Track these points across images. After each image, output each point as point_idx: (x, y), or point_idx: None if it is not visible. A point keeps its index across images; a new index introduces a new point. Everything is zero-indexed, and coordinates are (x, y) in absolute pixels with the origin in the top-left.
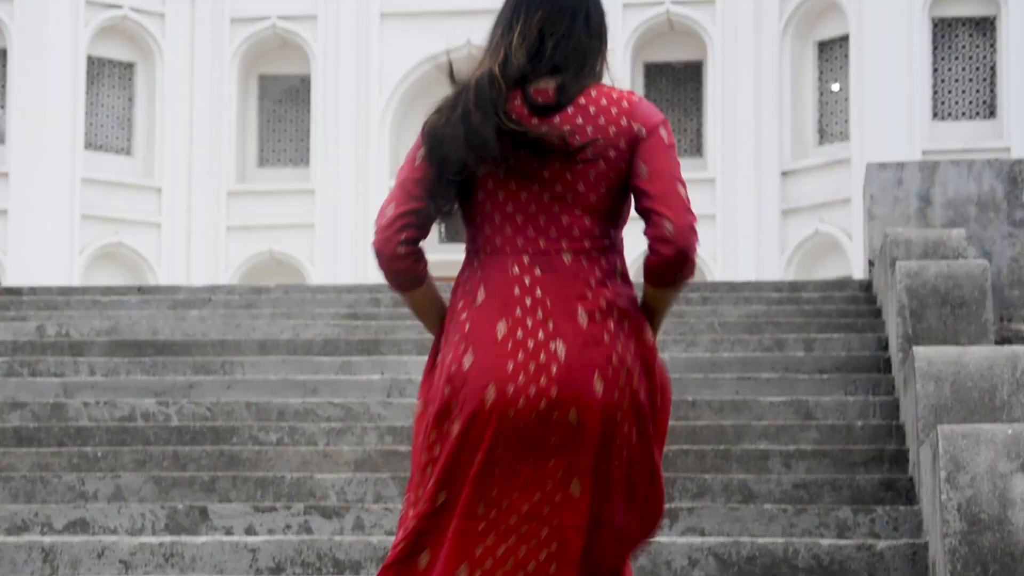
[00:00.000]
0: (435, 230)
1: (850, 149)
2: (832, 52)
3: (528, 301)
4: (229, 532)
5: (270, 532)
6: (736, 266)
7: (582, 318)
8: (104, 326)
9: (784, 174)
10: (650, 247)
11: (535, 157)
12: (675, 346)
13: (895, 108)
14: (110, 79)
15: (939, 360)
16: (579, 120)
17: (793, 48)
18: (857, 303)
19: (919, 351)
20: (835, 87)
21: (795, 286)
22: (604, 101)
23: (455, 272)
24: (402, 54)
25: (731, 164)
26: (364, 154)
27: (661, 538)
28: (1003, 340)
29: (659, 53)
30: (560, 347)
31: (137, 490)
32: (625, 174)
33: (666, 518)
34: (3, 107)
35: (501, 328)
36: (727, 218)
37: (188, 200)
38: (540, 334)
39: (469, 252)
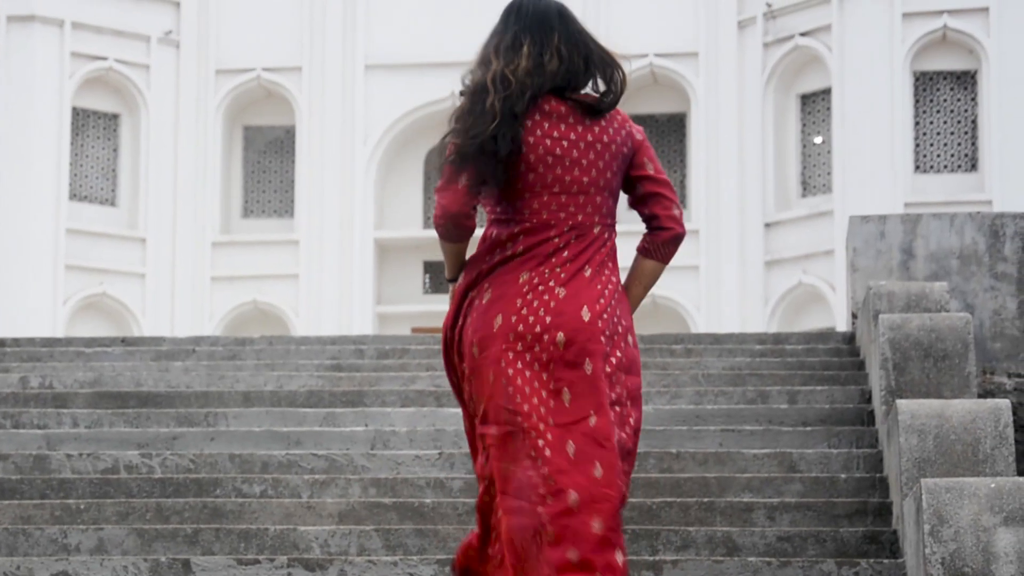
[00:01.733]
0: (421, 282)
1: (833, 201)
2: (815, 105)
3: (555, 259)
4: None
5: None
6: (720, 317)
7: (587, 271)
8: (88, 377)
9: (767, 226)
10: (661, 223)
11: (577, 146)
12: (659, 398)
13: (877, 161)
14: (95, 130)
15: (922, 413)
16: (603, 122)
17: (776, 101)
18: (840, 355)
19: (902, 404)
20: (818, 140)
21: (778, 338)
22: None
23: (439, 322)
24: (387, 105)
25: (714, 215)
26: (349, 205)
27: None
28: (986, 393)
29: (643, 105)
30: (562, 291)
31: (120, 543)
32: (627, 168)
33: (650, 571)
34: None
35: (523, 276)
36: (711, 269)
37: (172, 250)
38: (551, 282)
39: (509, 220)
